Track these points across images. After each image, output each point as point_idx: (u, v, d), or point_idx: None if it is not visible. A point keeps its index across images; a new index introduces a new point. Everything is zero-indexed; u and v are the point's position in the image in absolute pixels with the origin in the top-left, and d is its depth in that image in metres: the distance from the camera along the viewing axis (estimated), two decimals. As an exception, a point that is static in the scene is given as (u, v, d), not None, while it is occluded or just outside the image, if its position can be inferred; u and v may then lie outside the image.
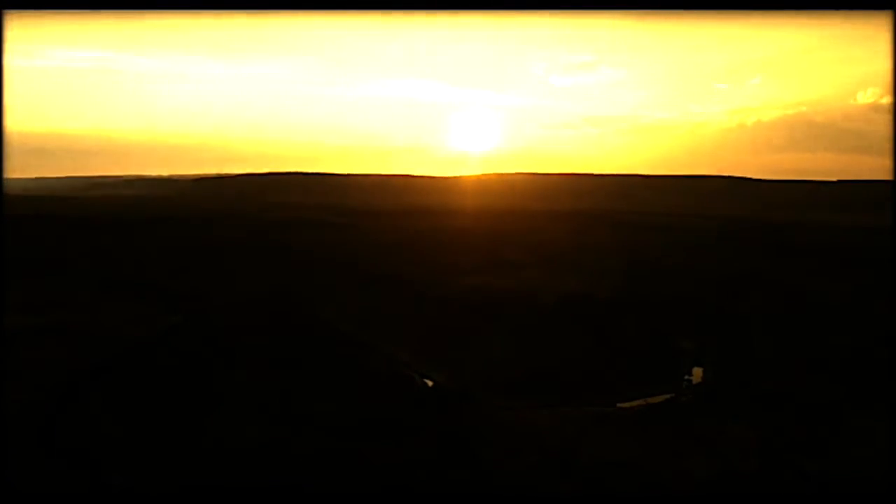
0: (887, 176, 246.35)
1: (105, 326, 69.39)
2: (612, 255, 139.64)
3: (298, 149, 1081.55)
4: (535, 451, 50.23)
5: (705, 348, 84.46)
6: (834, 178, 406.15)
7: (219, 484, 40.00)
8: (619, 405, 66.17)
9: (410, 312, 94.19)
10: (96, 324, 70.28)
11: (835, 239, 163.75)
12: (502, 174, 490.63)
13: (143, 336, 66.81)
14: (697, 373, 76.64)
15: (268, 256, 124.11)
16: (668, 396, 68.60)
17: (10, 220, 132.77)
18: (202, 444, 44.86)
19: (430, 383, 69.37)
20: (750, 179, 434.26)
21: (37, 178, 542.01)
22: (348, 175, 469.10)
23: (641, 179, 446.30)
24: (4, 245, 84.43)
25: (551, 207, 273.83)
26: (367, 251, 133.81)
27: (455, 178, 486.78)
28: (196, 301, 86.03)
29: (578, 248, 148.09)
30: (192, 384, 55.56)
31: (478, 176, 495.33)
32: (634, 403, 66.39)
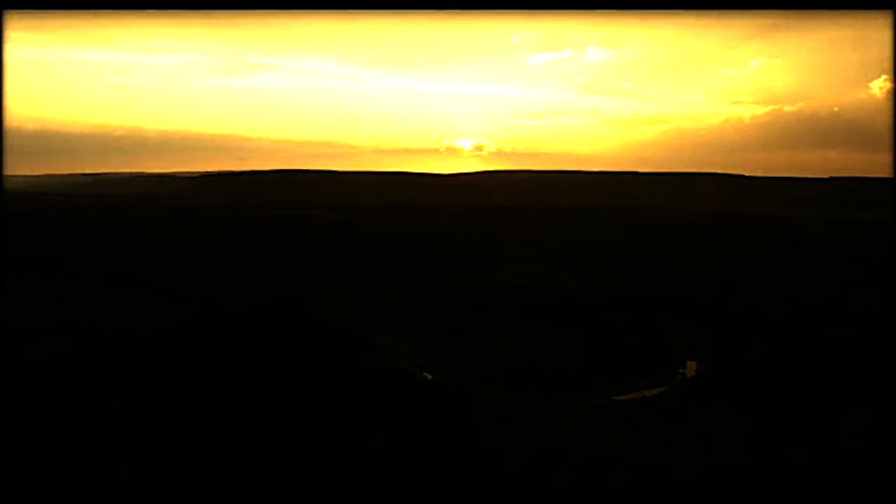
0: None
1: (107, 322, 70.18)
2: (607, 250, 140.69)
3: (293, 146, 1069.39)
4: (532, 443, 51.14)
5: (700, 342, 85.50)
6: (842, 175, 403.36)
7: (220, 476, 40.78)
8: (615, 398, 67.20)
9: (410, 307, 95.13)
10: (98, 319, 71.06)
11: (833, 235, 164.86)
12: (493, 172, 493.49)
13: (145, 331, 67.57)
14: (692, 366, 77.68)
15: (268, 253, 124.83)
16: (662, 389, 69.60)
17: (13, 217, 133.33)
18: (204, 436, 45.68)
19: (429, 376, 70.26)
20: (748, 178, 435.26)
21: (40, 176, 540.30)
22: (345, 173, 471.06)
23: (638, 177, 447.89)
24: (7, 241, 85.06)
25: (547, 204, 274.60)
26: (367, 247, 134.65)
27: (448, 175, 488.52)
28: (197, 297, 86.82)
29: (575, 243, 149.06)
30: (194, 378, 56.28)
31: (470, 174, 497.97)
32: (630, 396, 67.40)
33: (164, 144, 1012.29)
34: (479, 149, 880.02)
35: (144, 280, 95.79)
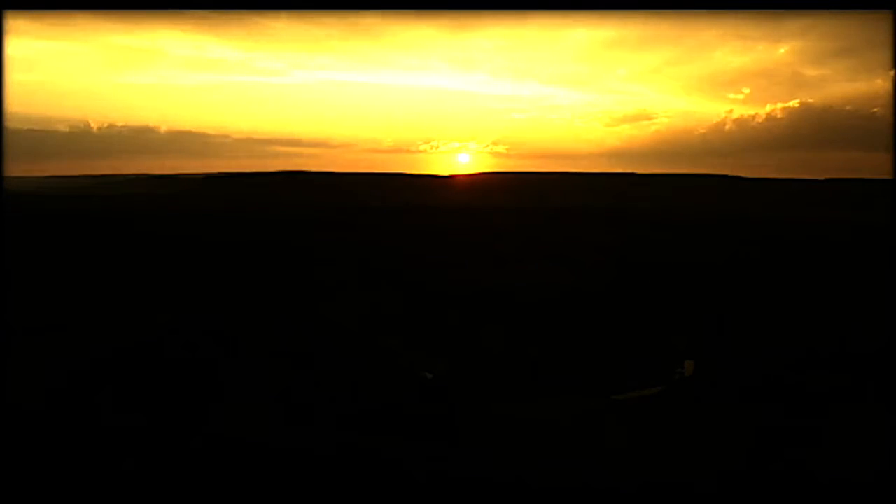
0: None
1: (108, 321, 70.38)
2: (607, 250, 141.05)
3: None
4: (529, 442, 51.37)
5: (698, 342, 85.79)
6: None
7: (220, 472, 41.00)
8: (613, 397, 67.46)
9: (409, 307, 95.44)
10: (99, 319, 71.27)
11: (832, 235, 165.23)
12: (490, 173, 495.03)
13: (146, 330, 67.81)
14: (689, 366, 77.94)
15: (269, 253, 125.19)
16: (660, 389, 69.86)
17: (16, 218, 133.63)
18: (204, 434, 45.90)
19: (429, 376, 70.56)
20: (747, 178, 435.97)
21: (43, 177, 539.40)
22: (344, 173, 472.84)
23: (636, 177, 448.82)
24: (7, 242, 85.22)
25: (546, 204, 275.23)
26: (367, 248, 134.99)
27: (446, 176, 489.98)
28: (198, 296, 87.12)
29: (574, 243, 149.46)
30: (195, 377, 56.58)
31: (467, 175, 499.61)
32: (629, 395, 67.66)
33: (173, 145, 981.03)
34: (467, 148, 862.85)
35: (146, 280, 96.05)
